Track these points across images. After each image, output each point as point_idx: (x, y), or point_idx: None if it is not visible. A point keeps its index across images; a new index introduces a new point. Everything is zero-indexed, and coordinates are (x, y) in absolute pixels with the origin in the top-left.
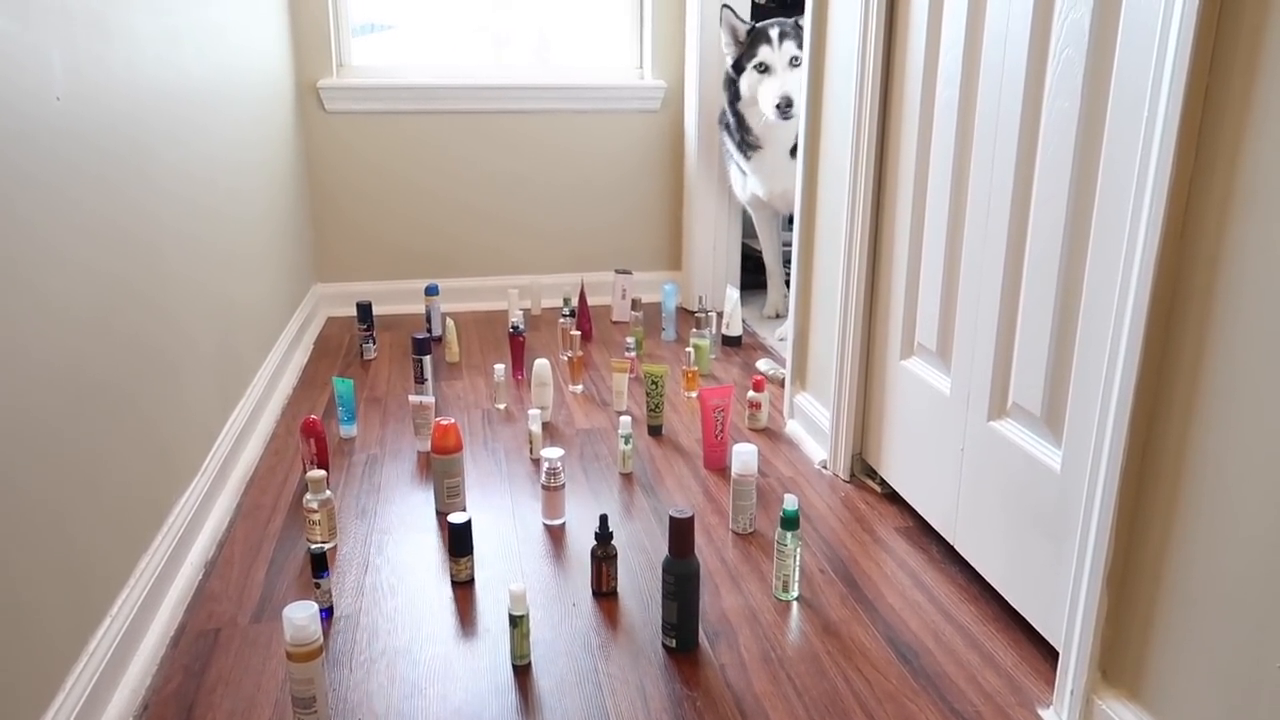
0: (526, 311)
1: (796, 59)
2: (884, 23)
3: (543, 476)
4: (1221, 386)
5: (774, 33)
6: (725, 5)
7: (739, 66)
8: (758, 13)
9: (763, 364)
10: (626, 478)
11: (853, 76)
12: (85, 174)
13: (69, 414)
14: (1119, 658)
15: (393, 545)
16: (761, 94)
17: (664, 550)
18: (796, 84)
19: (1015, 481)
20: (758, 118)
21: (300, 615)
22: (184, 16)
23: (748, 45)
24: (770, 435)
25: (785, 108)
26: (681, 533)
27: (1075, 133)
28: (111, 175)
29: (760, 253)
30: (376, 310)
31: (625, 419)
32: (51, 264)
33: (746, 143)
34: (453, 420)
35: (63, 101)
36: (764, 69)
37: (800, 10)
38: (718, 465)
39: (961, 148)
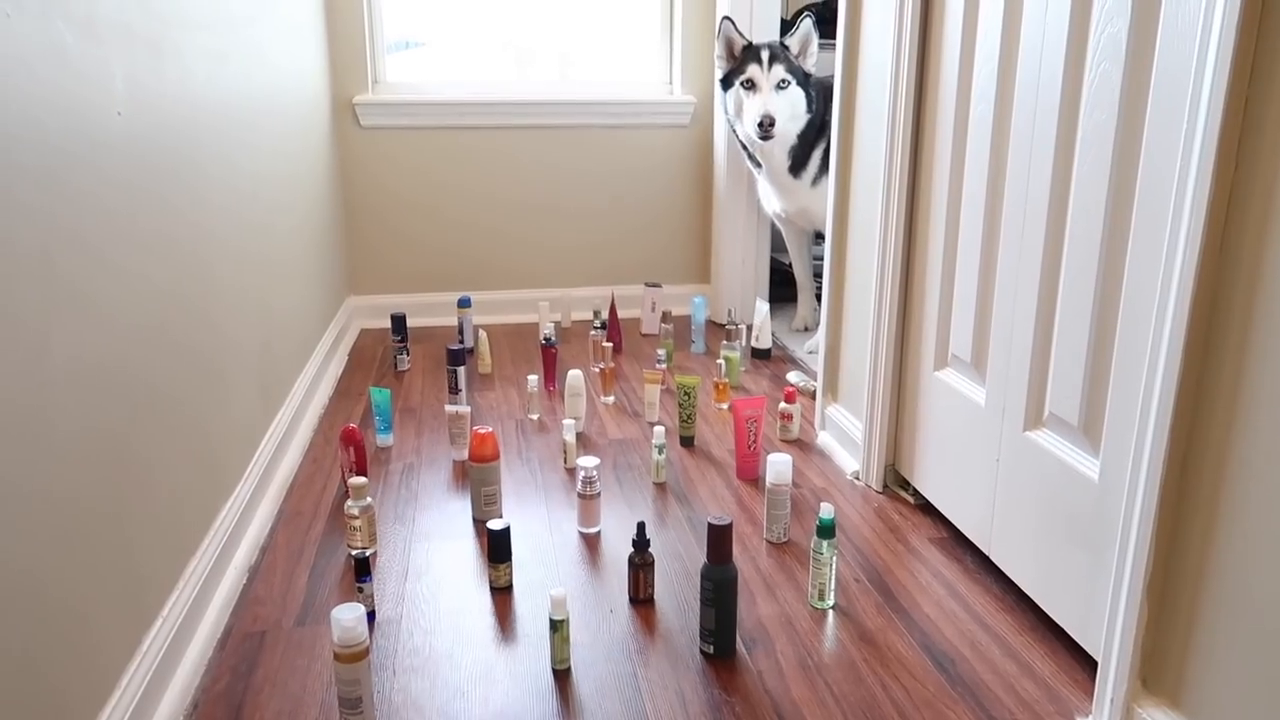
0: (557, 324)
1: (784, 82)
2: (918, 37)
3: (579, 485)
4: (1263, 396)
5: (765, 54)
6: (727, 17)
7: (727, 82)
8: (784, 28)
9: (793, 376)
10: (660, 487)
11: (886, 90)
12: (143, 187)
13: (126, 420)
14: (1159, 667)
15: (432, 552)
16: (746, 112)
17: (699, 558)
18: (780, 106)
19: (1052, 491)
20: (742, 135)
21: (348, 617)
22: (230, 36)
23: (739, 62)
24: (802, 446)
25: (767, 126)
26: (720, 539)
27: (1112, 146)
28: (166, 189)
29: (788, 266)
30: (409, 323)
31: (659, 429)
32: (110, 275)
33: (754, 159)
34: (490, 429)
35: (123, 117)
36: (750, 86)
37: (831, 26)
38: (750, 476)
39: (996, 161)
